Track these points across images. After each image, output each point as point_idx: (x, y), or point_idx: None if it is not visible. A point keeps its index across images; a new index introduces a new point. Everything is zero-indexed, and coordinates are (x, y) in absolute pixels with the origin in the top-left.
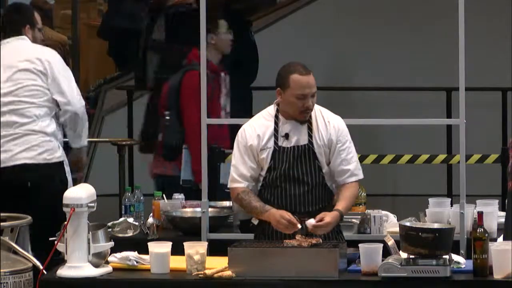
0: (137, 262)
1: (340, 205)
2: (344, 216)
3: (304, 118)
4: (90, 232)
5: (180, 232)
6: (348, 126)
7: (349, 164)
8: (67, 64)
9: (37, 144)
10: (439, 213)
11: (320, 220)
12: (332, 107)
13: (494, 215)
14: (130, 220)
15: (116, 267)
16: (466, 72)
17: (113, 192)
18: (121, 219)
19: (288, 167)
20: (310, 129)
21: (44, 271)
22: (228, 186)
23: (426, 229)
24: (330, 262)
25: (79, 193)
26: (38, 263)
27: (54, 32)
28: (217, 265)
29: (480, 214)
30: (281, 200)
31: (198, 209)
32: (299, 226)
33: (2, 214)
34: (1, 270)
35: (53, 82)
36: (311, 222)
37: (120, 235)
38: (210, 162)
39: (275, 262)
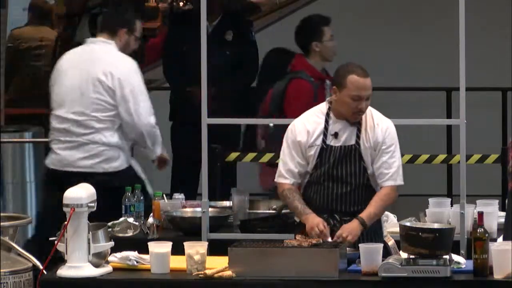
0: (137, 262)
1: (365, 212)
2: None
3: (355, 120)
4: (90, 232)
5: (180, 232)
6: None
7: (390, 168)
8: None
9: (95, 153)
10: (439, 213)
11: (339, 237)
12: None
13: (494, 215)
14: (130, 220)
15: (116, 267)
16: (466, 72)
17: None
18: (121, 219)
19: (333, 166)
20: (359, 129)
21: (44, 271)
22: (275, 180)
23: (426, 229)
24: (330, 262)
25: (79, 193)
26: (38, 263)
27: (54, 32)
28: (217, 265)
29: (480, 214)
30: (324, 199)
31: (198, 209)
32: (329, 239)
33: (2, 214)
34: (1, 270)
35: (122, 100)
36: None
37: (120, 235)
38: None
39: (275, 262)
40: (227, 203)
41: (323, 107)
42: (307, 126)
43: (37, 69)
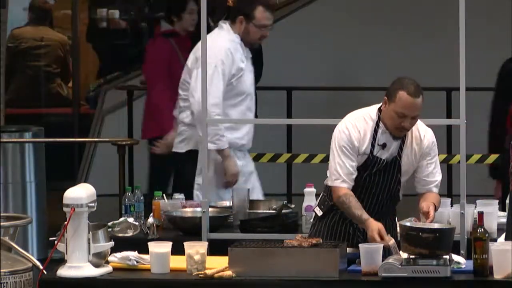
0: (137, 262)
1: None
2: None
3: (397, 135)
4: (90, 232)
5: (180, 232)
6: None
7: (434, 177)
8: (67, 64)
9: (178, 133)
10: (439, 213)
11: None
12: (333, 107)
13: (494, 215)
14: (130, 220)
15: (116, 267)
16: (466, 72)
17: (113, 192)
18: (121, 219)
19: (373, 175)
20: (403, 141)
21: (44, 271)
22: (330, 184)
23: (426, 229)
24: (330, 262)
25: (79, 193)
26: (38, 263)
27: (54, 32)
28: (217, 265)
29: (480, 214)
30: None
31: (198, 209)
32: (390, 244)
33: (2, 214)
34: (1, 270)
35: (194, 83)
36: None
37: (120, 235)
38: None
39: (275, 262)
40: (227, 203)
41: (373, 112)
42: (361, 132)
43: (37, 69)
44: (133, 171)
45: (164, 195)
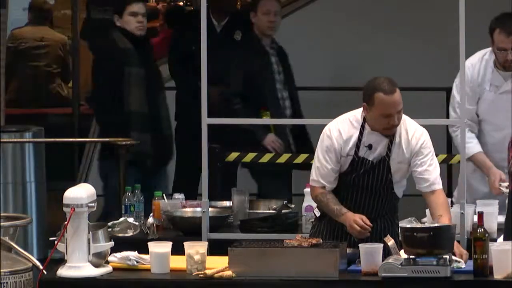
0: (137, 262)
1: (444, 219)
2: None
3: (389, 134)
4: (90, 232)
5: (180, 232)
6: None
7: (431, 174)
8: (67, 64)
9: None
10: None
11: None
12: (333, 107)
13: (494, 215)
14: (130, 220)
15: (116, 267)
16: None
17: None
18: (121, 219)
19: (362, 175)
20: (391, 142)
21: (44, 271)
22: (309, 184)
23: (420, 229)
24: (330, 262)
25: (79, 193)
26: (38, 263)
27: (54, 32)
28: (217, 265)
29: (480, 214)
30: (348, 206)
31: (198, 209)
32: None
33: (2, 214)
34: (1, 270)
35: None
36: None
37: (120, 235)
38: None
39: (275, 262)
40: (227, 203)
41: (358, 114)
42: (343, 135)
43: (37, 69)
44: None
45: (164, 195)
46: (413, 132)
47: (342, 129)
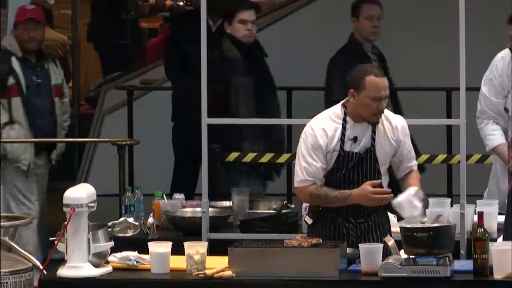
0: (137, 262)
1: (414, 186)
2: None
3: (376, 120)
4: (90, 232)
5: (180, 232)
6: None
7: (411, 161)
8: (67, 64)
9: None
10: (439, 213)
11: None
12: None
13: (494, 215)
14: (130, 220)
15: (116, 267)
16: (466, 72)
17: (113, 192)
18: (121, 219)
19: (350, 170)
20: (373, 131)
21: (44, 271)
22: (296, 186)
23: (420, 229)
24: (330, 262)
25: (79, 193)
26: (38, 263)
27: (54, 32)
28: (217, 265)
29: (480, 214)
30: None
31: (198, 209)
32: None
33: (2, 214)
34: (1, 270)
35: None
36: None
37: (120, 235)
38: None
39: (275, 262)
40: (227, 203)
41: (338, 109)
42: (327, 131)
43: None
44: (133, 171)
45: (164, 195)
46: (395, 121)
47: (324, 126)
